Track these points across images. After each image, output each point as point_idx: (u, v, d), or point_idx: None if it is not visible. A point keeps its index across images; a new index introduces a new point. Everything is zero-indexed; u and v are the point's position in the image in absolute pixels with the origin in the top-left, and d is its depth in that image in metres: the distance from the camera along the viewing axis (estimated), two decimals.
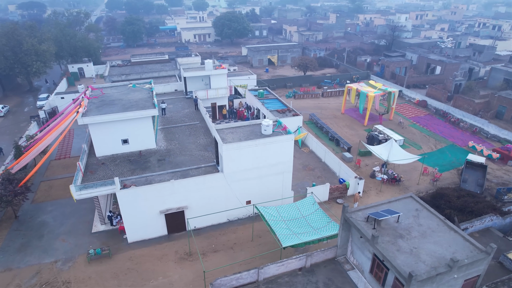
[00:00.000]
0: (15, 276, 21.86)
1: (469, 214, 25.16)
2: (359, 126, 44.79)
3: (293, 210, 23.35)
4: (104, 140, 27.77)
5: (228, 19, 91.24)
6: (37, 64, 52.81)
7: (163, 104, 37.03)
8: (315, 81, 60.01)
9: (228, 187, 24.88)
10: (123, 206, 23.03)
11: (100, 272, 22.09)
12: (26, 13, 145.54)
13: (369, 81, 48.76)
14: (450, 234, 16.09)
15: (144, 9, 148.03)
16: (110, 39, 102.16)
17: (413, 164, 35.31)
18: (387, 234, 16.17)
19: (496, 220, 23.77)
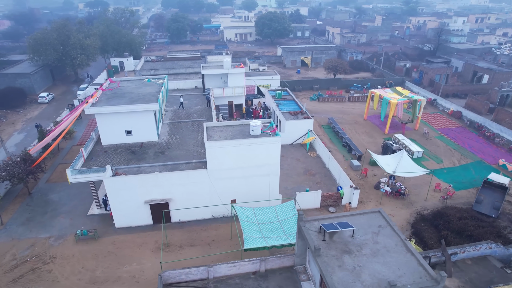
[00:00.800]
0: (13, 247, 24.29)
1: (467, 238, 22.85)
2: (379, 134, 42.53)
3: (270, 213, 23.03)
4: (109, 130, 29.62)
5: (268, 19, 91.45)
6: (81, 57, 57.64)
7: (181, 98, 38.48)
8: (344, 85, 57.97)
9: (211, 184, 25.22)
10: (110, 193, 24.46)
11: (83, 252, 23.71)
12: (92, 10, 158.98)
13: (396, 88, 45.97)
14: (406, 256, 14.83)
15: (194, 8, 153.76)
16: (157, 35, 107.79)
17: (426, 178, 32.82)
18: (335, 248, 15.35)
19: (496, 248, 21.25)
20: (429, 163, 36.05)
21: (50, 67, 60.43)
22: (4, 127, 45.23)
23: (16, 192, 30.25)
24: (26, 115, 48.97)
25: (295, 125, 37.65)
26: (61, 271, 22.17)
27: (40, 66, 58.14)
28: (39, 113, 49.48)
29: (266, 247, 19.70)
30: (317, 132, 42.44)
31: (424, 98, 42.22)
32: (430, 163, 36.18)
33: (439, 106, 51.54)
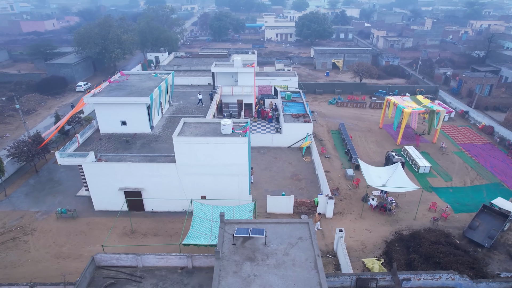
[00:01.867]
0: (7, 216, 27.27)
1: (436, 265, 20.65)
2: (390, 144, 39.84)
3: (227, 213, 22.97)
4: (106, 119, 31.75)
5: (308, 20, 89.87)
6: (117, 51, 62.10)
7: (199, 95, 39.60)
8: (369, 90, 55.07)
9: (179, 178, 25.85)
10: (88, 177, 26.30)
11: (60, 228, 25.83)
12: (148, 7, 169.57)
13: (417, 96, 42.56)
14: (309, 273, 13.98)
15: (244, 7, 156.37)
16: (202, 33, 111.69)
17: (425, 196, 30.18)
18: (241, 253, 14.98)
19: (461, 281, 18.90)
20: (435, 180, 33.04)
21: (92, 59, 66.00)
22: (41, 111, 50.57)
23: (26, 169, 33.79)
24: (62, 102, 54.15)
25: (293, 128, 36.86)
26: (35, 243, 24.43)
27: (83, 58, 63.80)
28: (73, 100, 54.34)
29: (200, 244, 19.85)
30: (324, 137, 41.14)
31: (443, 110, 38.54)
32: (436, 180, 33.13)
33: (470, 119, 46.68)
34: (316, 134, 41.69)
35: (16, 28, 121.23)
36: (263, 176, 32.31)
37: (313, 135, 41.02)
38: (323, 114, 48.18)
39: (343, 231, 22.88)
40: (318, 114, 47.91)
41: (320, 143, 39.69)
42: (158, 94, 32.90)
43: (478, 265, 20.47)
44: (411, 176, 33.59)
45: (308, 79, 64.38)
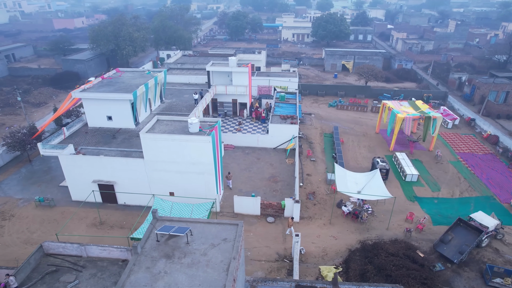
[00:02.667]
0: None
1: (387, 278, 19.79)
2: (383, 150, 38.52)
3: (185, 210, 23.26)
4: (94, 114, 32.94)
5: (325, 21, 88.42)
6: (128, 48, 64.19)
7: (195, 95, 39.99)
8: (374, 94, 53.42)
9: (147, 174, 26.40)
10: (64, 168, 27.44)
11: (36, 216, 27.16)
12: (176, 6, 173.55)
13: (416, 101, 40.81)
14: (219, 275, 13.86)
15: (268, 6, 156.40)
16: (220, 32, 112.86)
17: (406, 205, 29.02)
18: (161, 250, 15.11)
19: None
20: (421, 190, 31.59)
21: (106, 55, 68.62)
22: (51, 104, 53.17)
23: (21, 158, 35.77)
24: None
25: (279, 129, 36.49)
26: (10, 228, 25.85)
27: (96, 54, 66.48)
28: None
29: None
30: (315, 140, 40.46)
31: (439, 116, 36.68)
32: (423, 189, 31.67)
33: (476, 127, 44.10)
34: (307, 136, 41.11)
35: (49, 25, 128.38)
36: (241, 176, 32.28)
37: (304, 137, 40.56)
38: (320, 116, 47.33)
39: (299, 236, 22.45)
40: (315, 116, 47.14)
41: (309, 145, 39.09)
42: (144, 91, 33.65)
43: (431, 281, 19.36)
44: (397, 184, 32.40)
45: (315, 80, 63.46)
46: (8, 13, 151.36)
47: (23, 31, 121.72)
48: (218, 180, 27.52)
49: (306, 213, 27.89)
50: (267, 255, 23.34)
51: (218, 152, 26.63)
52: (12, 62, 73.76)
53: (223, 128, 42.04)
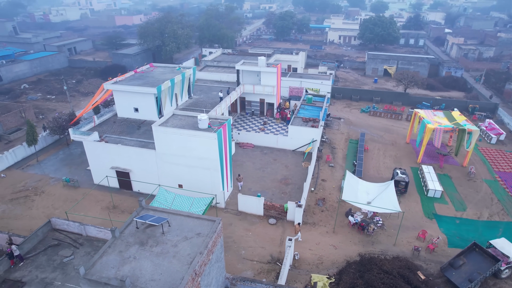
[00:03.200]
0: (30, 177, 32.42)
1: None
2: (410, 162, 36.26)
3: (186, 203, 24.09)
4: (122, 105, 35.24)
5: (372, 23, 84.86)
6: (171, 45, 67.34)
7: (220, 94, 41.12)
8: (412, 101, 50.30)
9: (158, 165, 27.68)
10: (88, 153, 29.81)
11: (61, 194, 29.85)
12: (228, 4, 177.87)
13: (452, 111, 37.75)
14: (181, 267, 14.22)
15: (319, 7, 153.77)
16: (268, 31, 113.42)
17: (422, 223, 27.22)
18: (138, 237, 15.87)
19: None
20: (444, 207, 29.31)
21: (152, 51, 72.60)
22: None
23: (61, 142, 39.39)
24: None
25: (298, 132, 36.04)
26: (38, 203, 28.74)
27: (143, 49, 70.66)
28: None
29: None
30: (339, 146, 39.33)
31: (477, 129, 33.57)
32: (446, 207, 29.35)
33: None
34: (331, 141, 40.06)
35: (111, 22, 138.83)
36: (253, 176, 32.47)
37: (327, 141, 39.61)
38: (350, 121, 45.76)
39: (292, 240, 22.11)
40: (344, 121, 45.69)
41: (331, 151, 38.08)
42: (169, 86, 35.18)
43: None
44: (417, 198, 30.41)
45: (353, 84, 61.36)
46: (80, 11, 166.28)
47: (89, 27, 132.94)
48: (226, 177, 28.02)
49: (311, 218, 27.33)
50: (260, 256, 23.32)
51: (226, 149, 27.08)
52: (73, 54, 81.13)
53: (247, 126, 42.52)
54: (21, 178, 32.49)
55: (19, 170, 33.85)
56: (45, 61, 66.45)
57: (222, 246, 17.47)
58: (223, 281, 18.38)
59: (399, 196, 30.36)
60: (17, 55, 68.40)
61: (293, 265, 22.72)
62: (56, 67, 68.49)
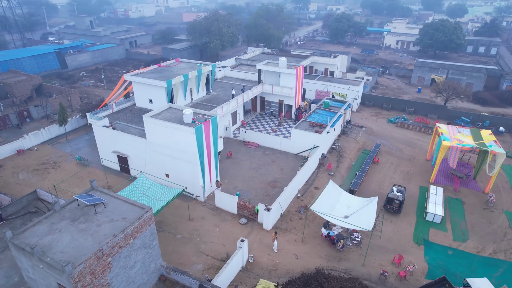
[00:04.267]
0: (55, 153, 36.85)
1: None
2: (422, 181, 33.02)
3: (159, 191, 25.32)
4: (139, 95, 38.01)
5: (433, 28, 77.66)
6: (215, 42, 69.95)
7: (233, 91, 42.17)
8: (450, 116, 45.31)
9: (147, 153, 29.44)
10: (96, 137, 32.92)
11: (72, 171, 33.40)
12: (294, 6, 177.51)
13: (482, 130, 33.28)
14: (93, 245, 15.32)
15: (387, 10, 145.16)
16: (323, 33, 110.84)
17: (406, 246, 24.98)
18: (74, 213, 17.34)
19: None
20: (440, 234, 26.36)
21: (200, 47, 76.21)
22: None
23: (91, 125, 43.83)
24: None
25: (301, 136, 35.15)
26: (52, 176, 32.64)
27: (191, 45, 74.53)
28: None
29: None
30: (348, 155, 37.49)
31: (503, 152, 29.21)
32: (443, 235, 26.35)
33: None
34: (342, 149, 38.26)
35: (179, 18, 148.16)
36: (245, 174, 32.63)
37: (337, 149, 37.99)
38: (371, 131, 43.04)
39: (244, 241, 21.98)
40: (365, 130, 43.13)
41: (338, 159, 36.42)
42: (182, 80, 36.92)
43: None
44: (412, 220, 27.78)
45: (393, 92, 57.30)
46: (155, 8, 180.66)
47: (160, 22, 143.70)
48: (208, 171, 28.75)
49: (286, 224, 26.70)
50: (217, 253, 23.58)
51: (209, 145, 27.76)
52: (133, 47, 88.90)
53: (260, 126, 42.70)
54: (48, 152, 37.14)
55: (49, 145, 38.68)
56: (105, 52, 74.06)
57: (153, 234, 18.25)
58: (156, 268, 19.17)
59: (392, 216, 28.11)
60: (85, 46, 77.31)
61: (245, 267, 22.59)
62: (115, 58, 75.85)
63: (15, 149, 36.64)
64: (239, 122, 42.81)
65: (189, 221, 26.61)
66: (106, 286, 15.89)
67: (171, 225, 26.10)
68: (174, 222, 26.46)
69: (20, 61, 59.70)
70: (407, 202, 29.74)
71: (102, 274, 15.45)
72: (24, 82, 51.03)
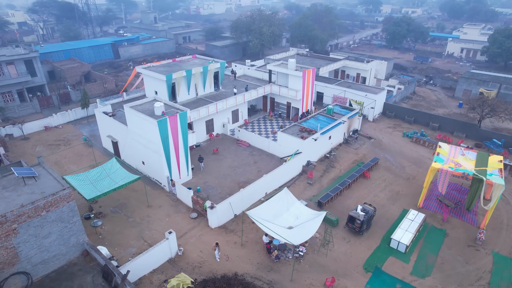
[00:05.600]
0: (72, 132, 41.60)
1: None
2: (411, 204, 29.76)
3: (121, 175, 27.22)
4: (148, 86, 40.70)
5: (504, 35, 67.54)
6: (255, 41, 70.80)
7: (235, 89, 42.88)
8: (481, 136, 39.43)
9: (127, 139, 31.67)
10: (97, 121, 36.39)
11: (76, 149, 37.39)
12: (364, 7, 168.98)
13: (491, 155, 28.58)
14: (6, 209, 17.56)
15: (468, 14, 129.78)
16: (382, 37, 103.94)
17: (350, 270, 23.22)
18: (9, 181, 19.86)
19: None
20: (398, 264, 23.80)
21: (242, 45, 77.78)
22: None
23: None
24: None
25: (285, 140, 34.23)
26: (60, 151, 36.99)
27: (233, 43, 76.51)
28: None
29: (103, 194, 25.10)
30: (340, 166, 35.53)
31: (502, 184, 24.78)
32: (401, 265, 23.73)
33: None
34: (336, 158, 36.28)
35: None
36: (222, 172, 33.00)
37: (331, 158, 36.19)
38: (380, 144, 39.78)
39: (172, 233, 22.58)
40: (373, 142, 40.05)
41: (327, 168, 34.66)
42: (184, 76, 38.52)
43: None
44: (373, 245, 25.49)
45: (429, 105, 51.77)
46: (226, 6, 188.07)
47: (226, 20, 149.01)
48: (177, 163, 29.88)
49: (235, 226, 26.57)
50: (155, 241, 24.39)
51: (176, 137, 28.81)
52: (186, 42, 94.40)
53: (263, 126, 42.50)
54: (68, 131, 42.11)
55: (72, 125, 43.77)
56: (156, 45, 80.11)
57: (73, 211, 19.94)
58: (79, 243, 20.84)
59: (354, 236, 26.04)
60: (142, 39, 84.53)
61: (173, 259, 23.19)
62: (165, 51, 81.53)
63: (43, 125, 42.30)
64: (241, 121, 43.10)
65: (147, 208, 28.08)
66: (11, 249, 17.99)
67: (129, 209, 27.85)
68: (133, 206, 28.17)
69: (80, 51, 68.00)
70: (379, 224, 27.20)
71: (6, 237, 17.55)
72: (75, 68, 58.09)
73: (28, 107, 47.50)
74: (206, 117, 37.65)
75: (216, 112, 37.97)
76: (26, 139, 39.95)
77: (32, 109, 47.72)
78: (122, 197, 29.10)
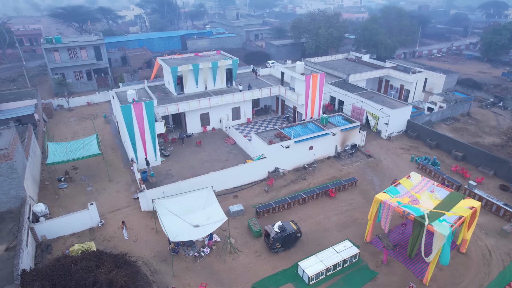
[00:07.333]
0: (104, 110, 48.50)
1: None
2: (359, 236, 26.36)
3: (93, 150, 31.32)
4: (165, 77, 44.56)
5: None
6: (310, 42, 69.00)
7: (240, 86, 43.48)
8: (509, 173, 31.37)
9: (118, 122, 35.67)
10: (112, 102, 41.69)
11: (96, 123, 43.69)
12: (484, 12, 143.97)
13: (467, 199, 22.95)
14: None
15: None
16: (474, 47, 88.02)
17: (235, 279, 22.61)
18: None
19: None
20: None
21: (301, 45, 76.41)
22: None
23: None
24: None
25: (255, 142, 33.59)
26: (84, 123, 43.81)
27: (291, 43, 75.82)
28: None
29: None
30: (314, 180, 33.34)
31: (443, 234, 19.95)
32: None
33: None
34: (313, 171, 34.00)
35: None
36: (190, 163, 34.28)
37: (308, 170, 34.27)
38: (377, 165, 35.35)
39: (92, 205, 25.25)
40: (370, 161, 35.85)
41: (295, 180, 32.89)
42: (191, 69, 40.82)
43: None
44: (281, 265, 23.75)
45: (479, 131, 42.75)
46: (324, 5, 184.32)
47: None
48: (143, 148, 32.59)
49: None
50: None
51: (141, 124, 31.42)
52: (258, 40, 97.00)
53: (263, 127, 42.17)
54: (102, 109, 49.21)
55: (108, 103, 50.86)
56: (223, 40, 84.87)
57: (11, 169, 24.30)
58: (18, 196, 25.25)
59: (267, 253, 24.59)
60: (215, 34, 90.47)
61: (93, 228, 25.87)
62: (231, 46, 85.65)
63: (86, 101, 50.36)
64: (243, 119, 43.44)
65: (108, 182, 31.54)
66: None
67: (94, 179, 31.71)
68: (98, 178, 31.93)
69: (152, 41, 77.15)
70: (305, 248, 25.10)
71: None
72: (138, 56, 66.50)
73: (88, 85, 56.91)
74: (198, 110, 39.34)
75: (209, 106, 39.32)
76: (70, 110, 48.35)
77: (91, 87, 56.98)
78: (97, 169, 33.28)
